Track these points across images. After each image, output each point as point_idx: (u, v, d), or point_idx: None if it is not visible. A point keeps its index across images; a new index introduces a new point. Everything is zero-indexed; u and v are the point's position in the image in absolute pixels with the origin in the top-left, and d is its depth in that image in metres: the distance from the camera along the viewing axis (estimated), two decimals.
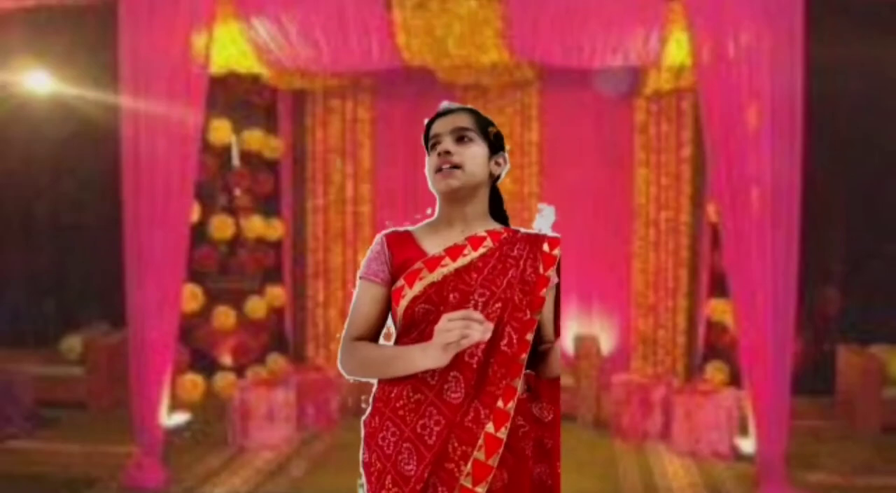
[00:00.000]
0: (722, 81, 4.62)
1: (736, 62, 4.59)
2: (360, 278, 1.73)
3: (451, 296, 1.63)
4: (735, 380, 5.76)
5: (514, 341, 1.63)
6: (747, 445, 5.09)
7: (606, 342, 6.82)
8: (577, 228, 6.62)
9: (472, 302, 1.63)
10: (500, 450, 1.61)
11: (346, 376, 1.73)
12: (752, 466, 4.87)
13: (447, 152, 1.69)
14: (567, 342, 6.56)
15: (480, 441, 1.60)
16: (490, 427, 1.60)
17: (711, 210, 6.16)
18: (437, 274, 1.65)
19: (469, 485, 1.59)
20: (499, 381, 1.62)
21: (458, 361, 1.60)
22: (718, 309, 6.39)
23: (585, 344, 6.32)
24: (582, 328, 6.83)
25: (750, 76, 4.55)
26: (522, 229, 1.74)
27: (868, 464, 5.27)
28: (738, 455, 5.37)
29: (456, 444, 1.60)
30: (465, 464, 1.59)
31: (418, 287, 1.65)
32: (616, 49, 5.40)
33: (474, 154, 1.70)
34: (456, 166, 1.68)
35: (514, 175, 6.93)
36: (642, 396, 5.85)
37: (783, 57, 4.49)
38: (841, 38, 5.34)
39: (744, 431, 5.19)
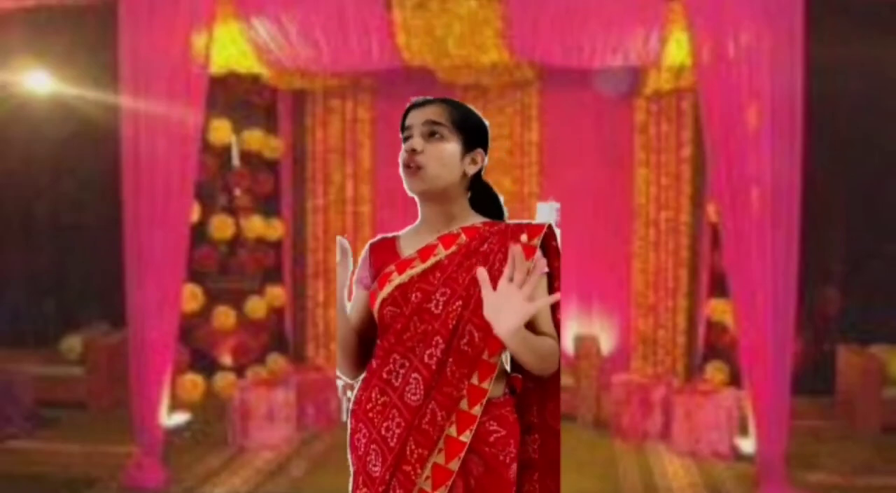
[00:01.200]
0: (722, 81, 4.61)
1: (736, 62, 4.58)
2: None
3: (414, 296, 1.62)
4: (735, 380, 5.76)
5: (477, 339, 1.58)
6: (747, 445, 5.08)
7: (606, 342, 6.82)
8: (577, 228, 6.62)
9: (434, 302, 1.60)
10: (462, 454, 1.57)
11: (346, 380, 1.75)
12: (752, 466, 4.86)
13: (413, 150, 1.63)
14: (567, 342, 6.56)
15: (440, 445, 1.58)
16: (452, 430, 1.58)
17: (711, 210, 6.15)
18: (405, 276, 1.64)
19: (428, 489, 1.57)
20: (458, 382, 1.58)
21: (419, 362, 1.59)
22: (718, 309, 6.39)
23: (585, 344, 6.32)
24: (582, 328, 6.82)
25: (750, 76, 4.55)
26: (506, 222, 1.69)
27: (868, 464, 5.27)
28: (738, 455, 5.36)
29: (413, 446, 1.58)
30: (422, 467, 1.57)
31: (387, 289, 1.65)
32: (616, 49, 5.40)
33: (441, 154, 1.63)
34: (419, 167, 1.62)
35: (514, 175, 6.94)
36: (642, 396, 5.85)
37: (783, 57, 4.48)
38: (841, 38, 5.34)
39: (744, 431, 5.19)
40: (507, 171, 6.91)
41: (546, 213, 1.82)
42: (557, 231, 1.67)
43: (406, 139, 1.66)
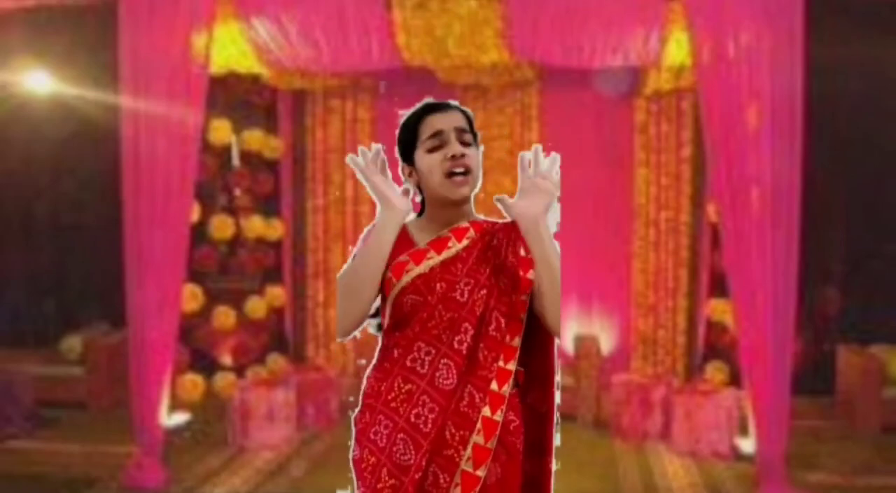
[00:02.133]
0: (722, 81, 4.62)
1: (736, 62, 4.59)
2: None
3: (439, 285, 1.66)
4: (735, 380, 5.76)
5: (503, 324, 1.66)
6: (747, 445, 5.09)
7: (606, 342, 6.82)
8: (577, 228, 6.61)
9: (458, 291, 1.66)
10: (498, 432, 1.64)
11: (343, 338, 1.72)
12: (752, 466, 4.87)
13: (463, 155, 1.68)
14: (567, 342, 6.56)
15: (479, 425, 1.63)
16: (486, 411, 1.64)
17: (711, 210, 6.16)
18: (424, 266, 1.68)
19: (470, 469, 1.61)
20: (490, 364, 1.65)
21: (447, 349, 1.64)
22: (718, 309, 6.39)
23: (585, 344, 6.32)
24: (582, 328, 6.82)
25: (750, 76, 4.55)
26: (500, 220, 1.76)
27: (868, 464, 5.27)
28: (738, 455, 5.37)
29: (454, 430, 1.62)
30: (465, 448, 1.62)
31: (406, 279, 1.67)
32: (616, 49, 5.40)
33: (477, 159, 1.73)
34: (468, 170, 1.69)
35: (515, 175, 6.88)
36: (642, 396, 5.85)
37: (783, 57, 4.49)
38: (841, 38, 5.34)
39: (744, 431, 5.19)
40: (507, 171, 6.89)
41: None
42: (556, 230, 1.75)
43: (436, 145, 1.69)
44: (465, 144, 1.70)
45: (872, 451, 5.53)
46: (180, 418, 5.79)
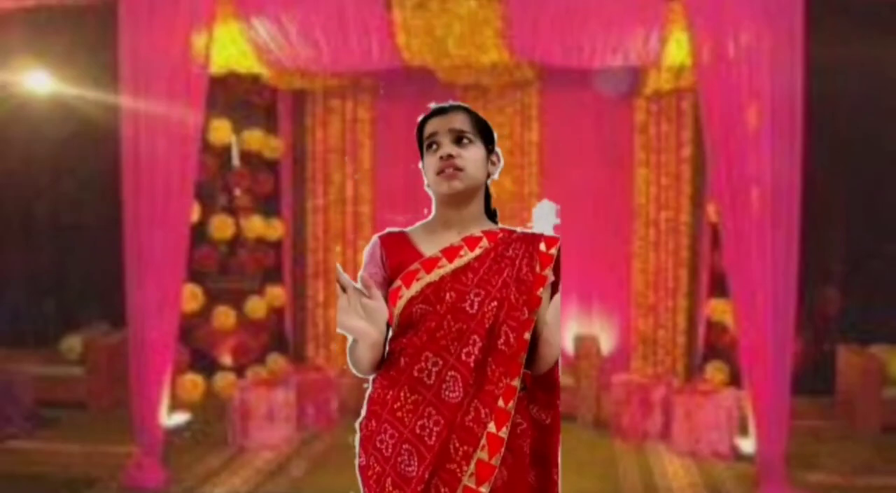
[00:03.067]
0: (722, 81, 4.62)
1: (736, 62, 4.59)
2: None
3: (448, 295, 1.64)
4: (735, 380, 5.76)
5: (512, 340, 1.63)
6: (747, 445, 5.09)
7: (606, 342, 6.82)
8: (577, 228, 6.61)
9: (468, 302, 1.63)
10: (503, 450, 1.61)
11: (357, 374, 1.73)
12: (752, 466, 4.87)
13: (449, 156, 1.67)
14: (567, 342, 6.55)
15: (483, 441, 1.60)
16: (492, 427, 1.61)
17: (711, 210, 6.16)
18: (435, 274, 1.66)
19: (473, 485, 1.59)
20: (498, 380, 1.62)
21: (455, 360, 1.61)
22: (718, 309, 6.39)
23: (585, 344, 6.32)
24: (582, 328, 6.82)
25: (750, 76, 4.55)
26: (519, 229, 1.74)
27: (868, 464, 5.27)
28: (738, 455, 5.37)
29: (457, 444, 1.60)
30: (468, 464, 1.59)
31: (416, 287, 1.65)
32: (616, 49, 5.41)
33: (474, 157, 1.69)
34: (458, 169, 1.66)
35: (514, 175, 6.94)
36: (642, 396, 5.85)
37: (783, 57, 4.49)
38: (841, 38, 5.34)
39: (744, 431, 5.20)
40: (507, 171, 6.87)
41: (545, 213, 1.83)
42: (558, 236, 1.75)
43: (430, 146, 1.70)
44: (460, 142, 1.69)
45: (872, 451, 5.53)
46: (180, 418, 5.79)
